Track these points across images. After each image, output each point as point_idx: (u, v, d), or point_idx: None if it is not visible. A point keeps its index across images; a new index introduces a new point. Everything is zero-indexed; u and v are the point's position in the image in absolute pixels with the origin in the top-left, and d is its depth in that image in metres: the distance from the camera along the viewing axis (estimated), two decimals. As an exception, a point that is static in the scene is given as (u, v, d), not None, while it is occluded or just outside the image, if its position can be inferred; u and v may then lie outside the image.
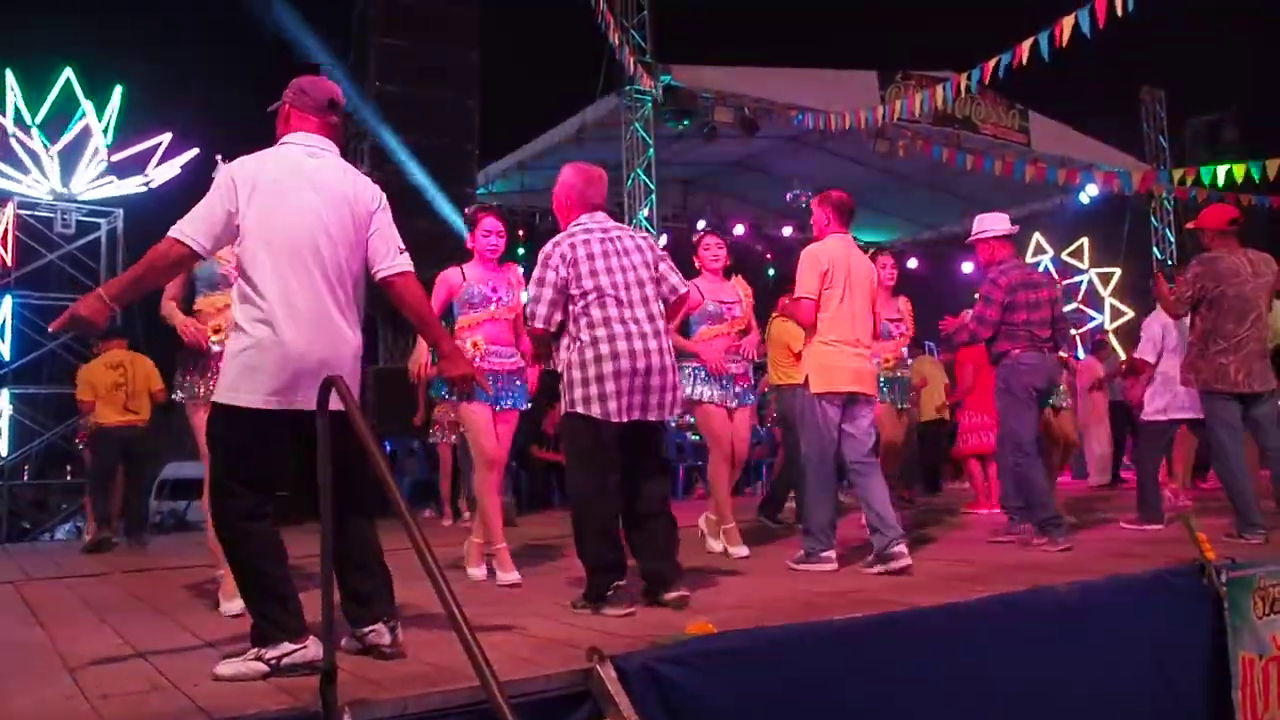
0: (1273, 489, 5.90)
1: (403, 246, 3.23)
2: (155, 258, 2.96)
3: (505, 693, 2.02)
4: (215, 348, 4.02)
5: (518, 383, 4.84)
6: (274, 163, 3.13)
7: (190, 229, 2.96)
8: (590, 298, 3.88)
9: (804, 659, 3.07)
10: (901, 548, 4.58)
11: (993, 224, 5.86)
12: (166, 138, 12.29)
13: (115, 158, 12.11)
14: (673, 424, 13.35)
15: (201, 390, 4.13)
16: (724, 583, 4.50)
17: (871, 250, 6.36)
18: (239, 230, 3.02)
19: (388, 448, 10.18)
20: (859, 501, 5.08)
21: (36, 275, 11.95)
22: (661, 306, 4.05)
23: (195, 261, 3.15)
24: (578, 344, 3.88)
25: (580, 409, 3.84)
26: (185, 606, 4.39)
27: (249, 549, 2.94)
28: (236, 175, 3.05)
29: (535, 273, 3.95)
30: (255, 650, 2.84)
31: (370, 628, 3.06)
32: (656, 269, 4.06)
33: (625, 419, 3.83)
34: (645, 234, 4.23)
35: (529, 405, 5.02)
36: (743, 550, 5.50)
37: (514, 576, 4.68)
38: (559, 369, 3.98)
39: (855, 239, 5.23)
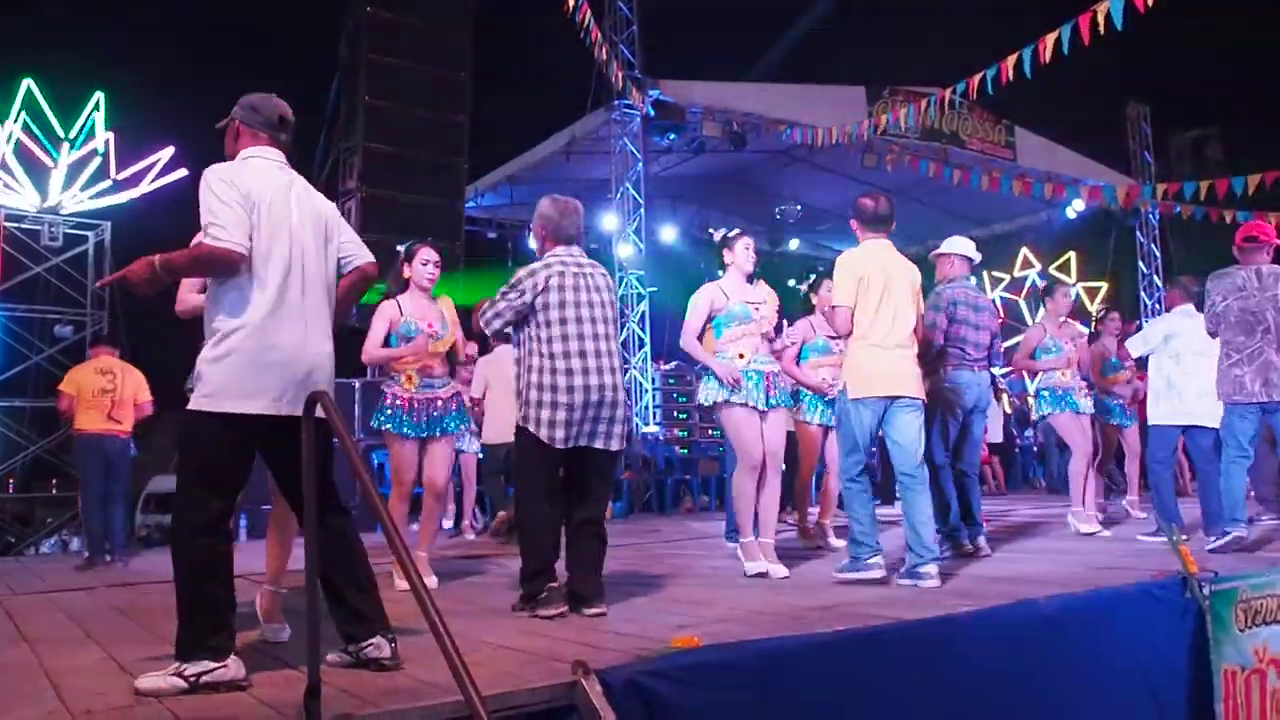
0: None
1: None
2: (205, 257, 2.98)
3: (489, 706, 2.03)
4: None
5: (453, 409, 5.10)
6: (259, 176, 3.10)
7: (233, 235, 2.94)
8: (556, 327, 4.17)
9: (788, 672, 3.07)
10: (931, 569, 4.52)
11: (958, 246, 6.17)
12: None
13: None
14: (660, 437, 13.31)
15: None
16: (709, 596, 4.51)
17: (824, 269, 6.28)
18: None
19: (375, 460, 10.14)
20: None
21: (23, 288, 11.90)
22: (618, 343, 4.40)
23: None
24: (540, 364, 4.16)
25: (531, 428, 4.13)
26: (170, 621, 4.35)
27: (197, 563, 2.93)
28: (237, 183, 3.02)
29: (504, 287, 4.27)
30: (176, 665, 2.83)
31: (368, 642, 3.07)
32: (615, 306, 4.42)
33: (568, 446, 4.12)
34: (604, 271, 4.48)
35: (473, 427, 5.33)
36: (781, 570, 5.02)
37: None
38: (519, 378, 4.23)
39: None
